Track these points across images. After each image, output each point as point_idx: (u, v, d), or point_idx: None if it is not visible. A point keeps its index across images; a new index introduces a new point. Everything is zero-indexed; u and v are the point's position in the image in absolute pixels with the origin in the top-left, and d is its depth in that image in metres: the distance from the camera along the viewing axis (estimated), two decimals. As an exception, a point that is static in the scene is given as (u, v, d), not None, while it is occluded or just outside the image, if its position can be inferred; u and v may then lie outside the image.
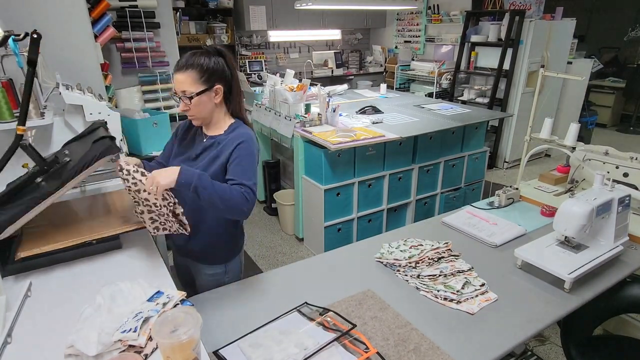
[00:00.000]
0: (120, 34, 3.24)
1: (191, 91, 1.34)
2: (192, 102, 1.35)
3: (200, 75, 1.34)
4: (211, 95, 1.39)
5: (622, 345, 1.72)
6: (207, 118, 1.44)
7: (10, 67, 1.70)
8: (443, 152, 3.39)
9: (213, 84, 1.37)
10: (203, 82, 1.35)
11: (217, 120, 1.47)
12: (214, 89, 1.38)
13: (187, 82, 1.34)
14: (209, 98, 1.38)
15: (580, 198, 1.44)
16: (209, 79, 1.36)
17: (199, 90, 1.35)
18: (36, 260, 1.28)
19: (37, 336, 1.03)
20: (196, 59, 1.34)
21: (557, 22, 4.72)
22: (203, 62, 1.34)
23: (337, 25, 6.20)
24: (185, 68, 1.34)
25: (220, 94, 1.41)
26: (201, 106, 1.38)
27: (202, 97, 1.36)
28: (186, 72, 1.33)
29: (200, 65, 1.34)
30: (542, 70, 1.98)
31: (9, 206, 1.25)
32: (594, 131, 6.01)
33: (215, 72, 1.37)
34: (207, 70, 1.35)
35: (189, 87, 1.34)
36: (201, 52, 1.37)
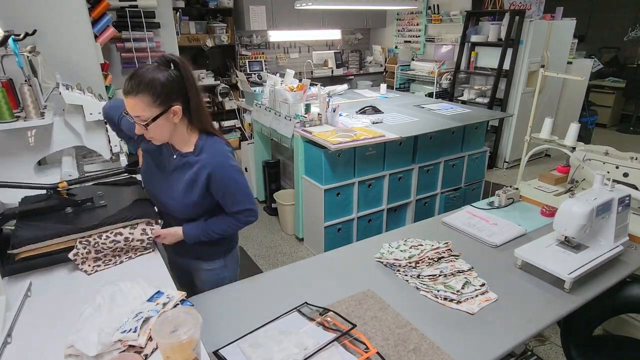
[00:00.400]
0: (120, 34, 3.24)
1: (146, 117, 1.21)
2: (149, 127, 1.23)
3: (154, 98, 1.19)
4: (169, 116, 1.25)
5: (622, 345, 1.72)
6: (168, 138, 1.33)
7: (10, 67, 1.70)
8: (443, 152, 3.39)
9: (169, 105, 1.23)
10: (158, 105, 1.21)
11: (181, 138, 1.35)
12: (170, 110, 1.24)
13: (139, 107, 1.20)
14: (166, 120, 1.25)
15: (580, 198, 1.44)
16: (165, 100, 1.21)
17: (155, 115, 1.21)
18: (36, 260, 1.28)
19: (37, 336, 1.03)
20: (147, 78, 1.18)
21: (557, 22, 4.72)
22: (155, 81, 1.19)
23: (337, 25, 6.20)
24: (135, 92, 1.18)
25: (178, 113, 1.26)
26: (159, 129, 1.25)
27: (158, 121, 1.23)
28: (137, 97, 1.18)
29: (153, 87, 1.18)
30: (542, 70, 1.98)
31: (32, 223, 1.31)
32: (594, 131, 6.02)
33: (170, 91, 1.22)
34: (162, 91, 1.20)
35: (143, 112, 1.20)
36: (152, 67, 1.21)
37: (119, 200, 1.48)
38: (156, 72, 1.20)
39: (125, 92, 1.20)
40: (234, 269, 1.64)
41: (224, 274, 1.59)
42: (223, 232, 1.45)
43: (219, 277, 1.58)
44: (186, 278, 1.66)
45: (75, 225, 1.30)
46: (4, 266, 1.25)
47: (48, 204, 1.39)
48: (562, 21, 4.77)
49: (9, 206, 1.51)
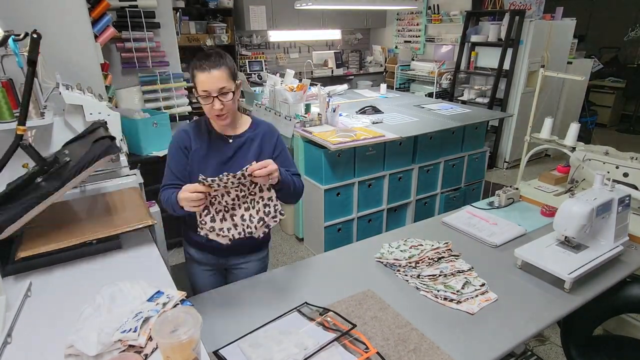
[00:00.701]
0: (120, 34, 3.24)
1: (230, 87, 1.36)
2: (233, 98, 1.37)
3: (231, 72, 1.37)
4: (237, 91, 1.42)
5: (622, 345, 1.72)
6: (234, 115, 1.47)
7: (10, 67, 1.70)
8: (443, 152, 3.39)
9: (236, 81, 1.41)
10: (234, 79, 1.39)
11: (237, 117, 1.51)
12: (238, 85, 1.42)
13: (224, 78, 1.34)
14: (237, 94, 1.42)
15: (580, 198, 1.44)
16: (235, 75, 1.40)
17: (234, 86, 1.38)
18: (36, 260, 1.28)
19: (37, 336, 1.03)
20: (223, 55, 1.37)
21: (557, 22, 4.72)
22: (229, 59, 1.38)
23: (337, 25, 6.20)
24: (219, 65, 1.33)
25: (239, 90, 1.44)
26: (235, 103, 1.41)
27: (236, 93, 1.40)
28: (221, 69, 1.33)
29: (230, 62, 1.37)
30: (542, 70, 1.98)
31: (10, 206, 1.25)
32: (594, 131, 6.02)
33: (235, 70, 1.41)
34: (234, 67, 1.39)
35: (228, 83, 1.35)
36: (219, 51, 1.38)
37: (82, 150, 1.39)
38: (225, 56, 1.38)
39: (210, 67, 1.32)
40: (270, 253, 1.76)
41: (267, 259, 1.72)
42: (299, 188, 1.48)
43: (264, 263, 1.69)
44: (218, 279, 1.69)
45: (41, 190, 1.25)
46: (4, 266, 1.25)
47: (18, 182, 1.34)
48: (562, 21, 4.77)
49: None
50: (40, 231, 1.39)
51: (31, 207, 1.23)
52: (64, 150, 1.48)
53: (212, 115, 1.40)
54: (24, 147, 1.33)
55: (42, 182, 1.32)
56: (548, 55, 4.71)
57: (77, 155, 1.37)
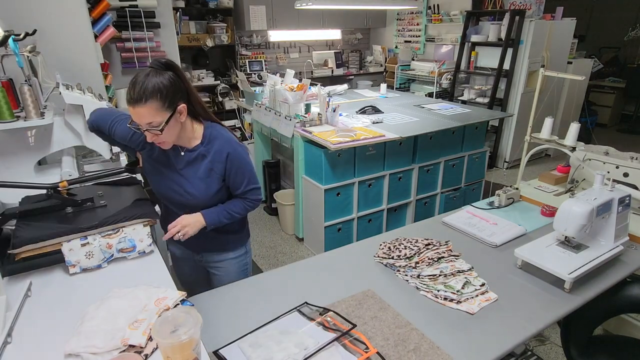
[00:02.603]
0: (121, 34, 3.24)
1: (158, 122, 1.22)
2: (163, 132, 1.25)
3: (163, 102, 1.21)
4: (177, 117, 1.28)
5: (622, 345, 1.72)
6: (176, 139, 1.36)
7: (10, 67, 1.70)
8: (443, 152, 3.39)
9: (176, 106, 1.26)
10: (167, 108, 1.23)
11: (186, 134, 1.39)
12: (178, 110, 1.27)
13: (150, 114, 1.20)
14: (175, 121, 1.28)
15: (580, 198, 1.44)
16: (172, 102, 1.24)
17: (166, 118, 1.24)
18: (36, 260, 1.28)
19: (37, 336, 1.03)
20: (151, 84, 1.19)
21: (557, 22, 4.71)
22: (160, 86, 1.20)
23: (337, 25, 6.19)
24: (144, 100, 1.18)
25: (184, 112, 1.30)
26: (170, 132, 1.28)
27: (170, 123, 1.25)
28: (147, 104, 1.19)
29: (159, 91, 1.20)
30: (542, 70, 1.98)
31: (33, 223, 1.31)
32: (594, 131, 6.02)
33: (175, 92, 1.25)
34: (168, 94, 1.22)
35: (154, 118, 1.22)
36: (151, 73, 1.22)
37: (119, 200, 1.48)
38: (157, 77, 1.21)
39: (133, 102, 1.19)
40: (251, 253, 1.75)
41: (247, 259, 1.68)
42: (241, 211, 1.51)
43: (243, 263, 1.67)
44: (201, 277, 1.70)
45: (75, 225, 1.31)
46: (4, 266, 1.25)
47: (48, 203, 1.39)
48: (562, 21, 4.77)
49: (9, 206, 1.52)
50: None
51: (59, 236, 1.28)
52: (98, 192, 1.55)
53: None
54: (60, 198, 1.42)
55: (71, 214, 1.39)
56: (548, 55, 4.71)
57: (114, 204, 1.45)
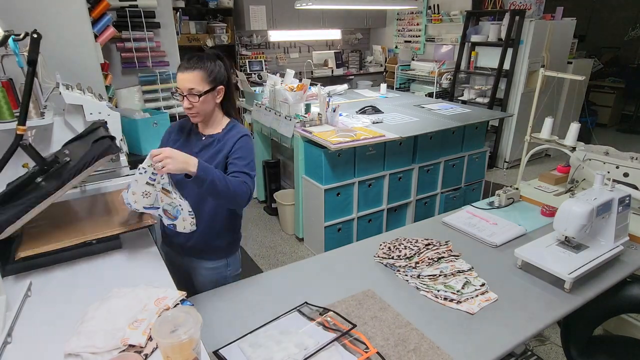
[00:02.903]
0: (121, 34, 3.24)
1: (199, 89, 1.42)
2: (200, 99, 1.43)
3: (207, 75, 1.43)
4: (214, 94, 1.48)
5: (622, 345, 1.72)
6: (208, 116, 1.52)
7: (10, 67, 1.70)
8: (443, 152, 3.39)
9: (216, 85, 1.47)
10: (209, 83, 1.44)
11: (214, 119, 1.55)
12: (217, 89, 1.47)
13: (194, 80, 1.41)
14: (212, 97, 1.48)
15: (580, 198, 1.44)
16: (214, 80, 1.46)
17: (206, 89, 1.44)
18: (36, 260, 1.28)
19: (37, 336, 1.03)
20: (203, 59, 1.43)
21: (557, 22, 4.71)
22: (209, 64, 1.44)
23: (337, 25, 6.19)
24: (193, 68, 1.42)
25: (221, 94, 1.50)
26: (206, 104, 1.46)
27: (207, 96, 1.45)
28: (194, 72, 1.41)
29: (207, 67, 1.43)
30: (542, 70, 1.98)
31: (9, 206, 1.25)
32: (594, 131, 6.02)
33: (218, 75, 1.47)
34: (212, 72, 1.45)
35: (197, 85, 1.42)
36: (205, 55, 1.46)
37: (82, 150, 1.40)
38: (209, 60, 1.45)
39: (185, 68, 1.42)
40: (236, 269, 1.66)
41: (226, 272, 1.62)
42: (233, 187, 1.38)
43: (221, 276, 1.60)
44: (185, 279, 1.65)
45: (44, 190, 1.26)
46: (4, 266, 1.25)
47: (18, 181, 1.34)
48: (562, 21, 4.77)
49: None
50: (40, 231, 1.39)
51: (31, 207, 1.23)
52: (64, 150, 1.49)
53: (185, 111, 1.49)
54: (24, 147, 1.33)
55: (42, 182, 1.32)
56: (548, 55, 4.71)
57: (77, 155, 1.37)
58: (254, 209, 4.05)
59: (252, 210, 4.03)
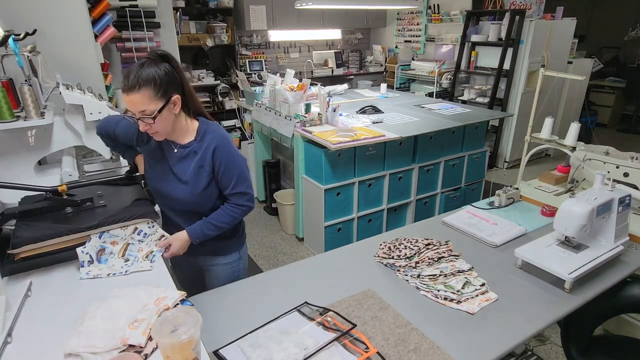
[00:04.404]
0: (121, 34, 3.24)
1: (151, 110, 1.25)
2: (156, 120, 1.27)
3: (156, 91, 1.25)
4: (170, 107, 1.31)
5: (623, 345, 1.72)
6: (169, 131, 1.38)
7: (10, 67, 1.70)
8: (443, 152, 3.39)
9: (170, 96, 1.29)
10: (160, 97, 1.26)
11: (181, 128, 1.41)
12: (172, 101, 1.30)
13: (142, 101, 1.24)
14: (169, 111, 1.31)
15: (580, 198, 1.44)
16: (165, 92, 1.27)
17: (159, 107, 1.26)
18: (36, 260, 1.28)
19: (37, 336, 1.03)
20: (145, 73, 1.23)
21: (558, 21, 4.71)
22: (154, 75, 1.24)
23: (337, 25, 6.19)
24: (137, 87, 1.22)
25: (178, 103, 1.33)
26: (163, 122, 1.30)
27: (162, 113, 1.28)
28: (139, 92, 1.22)
29: (153, 80, 1.24)
30: (542, 70, 1.98)
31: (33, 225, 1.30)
32: (594, 131, 6.02)
33: (169, 83, 1.28)
34: (162, 84, 1.26)
35: (147, 106, 1.25)
36: (147, 63, 1.26)
37: (118, 200, 1.48)
38: (152, 67, 1.25)
39: (127, 89, 1.23)
40: (246, 261, 1.71)
41: (240, 266, 1.66)
42: (227, 221, 1.47)
43: (235, 269, 1.64)
44: (197, 277, 1.68)
45: (74, 224, 1.30)
46: (4, 266, 1.25)
47: (47, 203, 1.39)
48: (562, 21, 4.77)
49: (9, 206, 1.51)
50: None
51: (58, 235, 1.28)
52: (97, 192, 1.54)
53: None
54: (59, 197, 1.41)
55: (70, 213, 1.38)
56: (548, 55, 4.71)
57: (113, 204, 1.44)
58: (254, 209, 4.04)
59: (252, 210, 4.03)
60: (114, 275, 1.25)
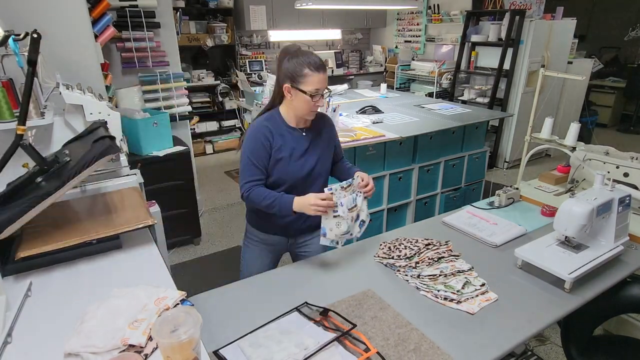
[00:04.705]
0: (121, 34, 3.24)
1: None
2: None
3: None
4: None
5: (623, 345, 1.72)
6: None
7: (10, 67, 1.70)
8: (443, 152, 3.39)
9: None
10: None
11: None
12: None
13: (327, 80, 1.52)
14: None
15: (580, 198, 1.44)
16: None
17: None
18: (36, 260, 1.28)
19: (37, 336, 1.03)
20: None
21: (558, 21, 4.72)
22: None
23: (337, 25, 6.20)
24: (326, 69, 1.50)
25: None
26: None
27: None
28: (326, 72, 1.51)
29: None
30: (542, 70, 1.98)
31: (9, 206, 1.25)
32: (595, 131, 6.02)
33: None
34: None
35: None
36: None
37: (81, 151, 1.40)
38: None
39: (321, 69, 1.48)
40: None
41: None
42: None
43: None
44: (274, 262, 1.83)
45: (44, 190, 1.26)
46: (4, 266, 1.25)
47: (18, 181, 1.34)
48: (562, 21, 4.77)
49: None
50: (40, 231, 1.39)
51: (31, 207, 1.23)
52: (64, 150, 1.48)
53: (309, 111, 1.52)
54: (24, 147, 1.33)
55: (42, 182, 1.32)
56: (548, 55, 4.71)
57: (77, 155, 1.37)
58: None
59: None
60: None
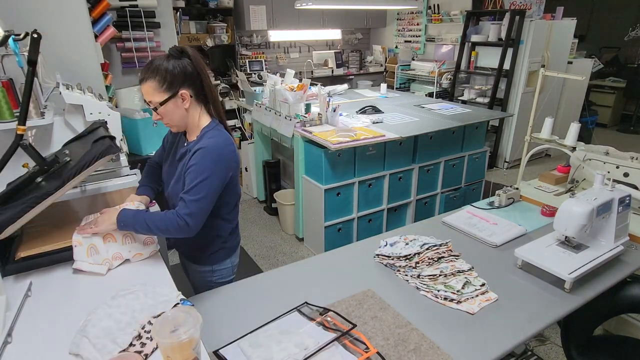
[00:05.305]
0: (121, 34, 3.24)
1: (155, 101, 1.29)
2: (159, 111, 1.31)
3: (161, 83, 1.27)
4: (177, 102, 1.31)
5: (623, 345, 1.72)
6: (182, 125, 1.39)
7: (10, 67, 1.70)
8: (443, 152, 3.39)
9: (177, 90, 1.30)
10: (165, 90, 1.28)
11: (193, 125, 1.40)
12: (179, 95, 1.31)
13: (149, 92, 1.29)
14: (175, 105, 1.32)
15: (580, 198, 1.44)
16: (171, 85, 1.29)
17: (163, 99, 1.29)
18: (36, 260, 1.28)
19: (37, 336, 1.03)
20: (155, 66, 1.27)
21: (558, 21, 4.71)
22: (162, 68, 1.27)
23: (337, 25, 6.19)
24: (145, 79, 1.28)
25: (187, 99, 1.32)
26: (170, 114, 1.33)
27: (167, 106, 1.30)
28: (147, 83, 1.28)
29: (160, 73, 1.27)
30: (542, 70, 1.98)
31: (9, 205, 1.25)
32: (595, 131, 6.02)
33: (177, 77, 1.29)
34: (167, 77, 1.27)
35: (152, 97, 1.29)
36: (162, 57, 1.31)
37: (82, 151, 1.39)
38: (164, 60, 1.29)
39: (140, 79, 1.32)
40: (223, 277, 1.57)
41: (212, 278, 1.55)
42: (160, 226, 1.28)
43: (206, 280, 1.55)
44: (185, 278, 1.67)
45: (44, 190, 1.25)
46: (4, 266, 1.25)
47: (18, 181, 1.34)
48: (562, 21, 4.77)
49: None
50: (40, 231, 1.39)
51: (31, 207, 1.23)
52: (64, 150, 1.48)
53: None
54: (24, 147, 1.33)
55: (42, 182, 1.32)
56: (548, 55, 4.71)
57: (77, 155, 1.37)
58: (254, 209, 4.05)
59: (252, 210, 4.03)
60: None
